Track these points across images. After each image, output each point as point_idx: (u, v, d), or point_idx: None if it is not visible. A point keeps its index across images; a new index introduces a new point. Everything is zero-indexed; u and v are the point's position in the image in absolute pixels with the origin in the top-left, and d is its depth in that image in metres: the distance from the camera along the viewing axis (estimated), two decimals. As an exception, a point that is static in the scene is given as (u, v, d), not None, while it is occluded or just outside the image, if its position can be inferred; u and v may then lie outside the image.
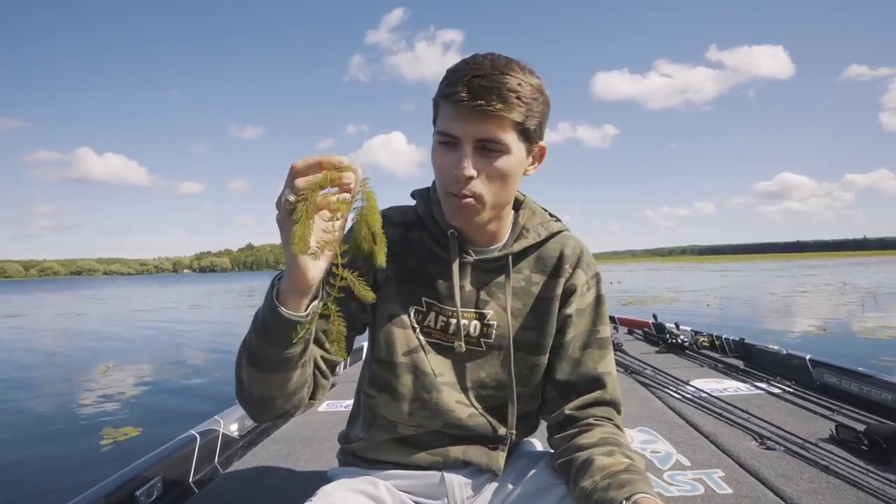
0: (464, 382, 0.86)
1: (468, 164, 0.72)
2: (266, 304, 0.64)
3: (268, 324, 0.64)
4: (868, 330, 7.25)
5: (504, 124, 0.72)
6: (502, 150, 0.74)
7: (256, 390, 0.71)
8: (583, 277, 0.86)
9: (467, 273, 0.85)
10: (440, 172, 0.77)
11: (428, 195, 0.89)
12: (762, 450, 1.68)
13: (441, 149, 0.76)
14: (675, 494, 1.42)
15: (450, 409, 0.84)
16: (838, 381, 2.33)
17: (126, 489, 1.35)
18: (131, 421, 4.02)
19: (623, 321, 4.59)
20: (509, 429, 0.87)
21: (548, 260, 0.87)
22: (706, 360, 3.07)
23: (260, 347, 0.66)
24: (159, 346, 8.46)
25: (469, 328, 0.84)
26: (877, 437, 1.60)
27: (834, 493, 1.38)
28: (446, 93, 0.72)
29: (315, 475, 1.61)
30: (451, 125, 0.73)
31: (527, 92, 0.73)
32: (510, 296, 0.84)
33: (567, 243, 0.88)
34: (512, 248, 0.85)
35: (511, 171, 0.76)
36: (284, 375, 0.69)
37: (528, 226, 0.88)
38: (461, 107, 0.71)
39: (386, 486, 0.86)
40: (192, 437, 1.70)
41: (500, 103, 0.70)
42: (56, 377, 6.04)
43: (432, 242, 0.86)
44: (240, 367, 0.71)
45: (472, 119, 0.71)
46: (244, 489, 1.55)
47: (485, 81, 0.70)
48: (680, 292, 16.47)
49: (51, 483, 2.91)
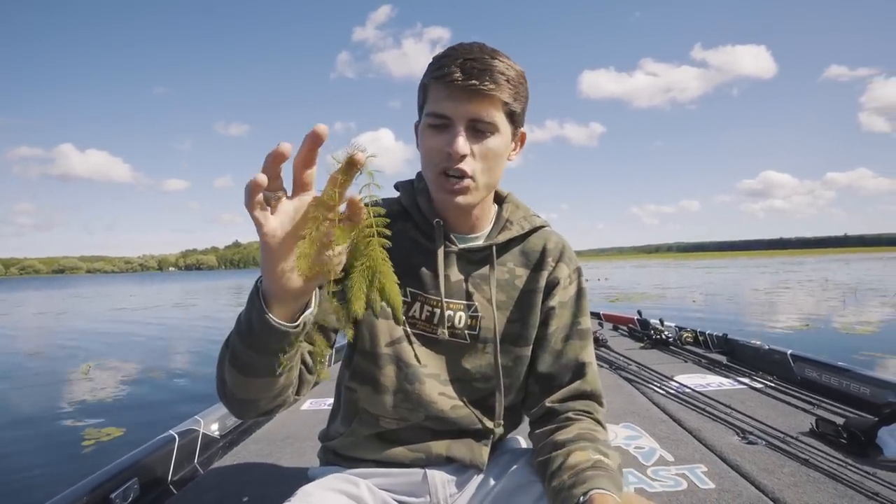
0: (448, 374, 0.85)
1: (463, 142, 0.74)
2: (252, 309, 0.58)
3: (254, 330, 0.58)
4: (849, 325, 7.39)
5: (495, 105, 0.74)
6: (493, 130, 0.76)
7: (240, 393, 0.67)
8: (565, 271, 0.88)
9: (452, 263, 0.85)
10: (432, 153, 0.77)
11: (412, 186, 0.89)
12: (744, 444, 1.70)
13: (431, 131, 0.77)
14: (659, 490, 1.42)
15: (432, 400, 0.83)
16: (818, 376, 2.36)
17: (101, 491, 1.32)
18: (114, 421, 3.95)
19: (608, 317, 4.62)
20: (496, 419, 0.86)
21: (531, 254, 0.88)
22: (690, 355, 3.09)
23: (245, 353, 0.62)
24: (144, 344, 8.33)
25: (455, 319, 0.84)
26: (855, 431, 1.62)
27: (814, 485, 1.39)
28: (438, 74, 0.74)
29: (297, 474, 1.58)
30: (443, 105, 0.74)
31: (514, 76, 0.75)
32: (495, 287, 0.84)
33: (549, 238, 0.90)
34: (496, 240, 0.86)
35: (500, 151, 0.78)
36: (271, 380, 0.65)
37: (512, 219, 0.89)
38: (454, 87, 0.72)
39: (367, 484, 0.85)
40: (171, 437, 1.66)
41: (492, 84, 0.72)
42: (36, 378, 5.92)
43: (417, 233, 0.86)
44: (222, 368, 0.67)
45: (465, 99, 0.73)
46: (224, 489, 1.53)
47: (477, 64, 0.72)
48: (666, 289, 16.65)
49: (29, 486, 2.84)
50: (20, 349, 8.24)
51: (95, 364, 6.46)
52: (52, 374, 6.11)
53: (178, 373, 5.84)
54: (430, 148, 0.77)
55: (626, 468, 1.58)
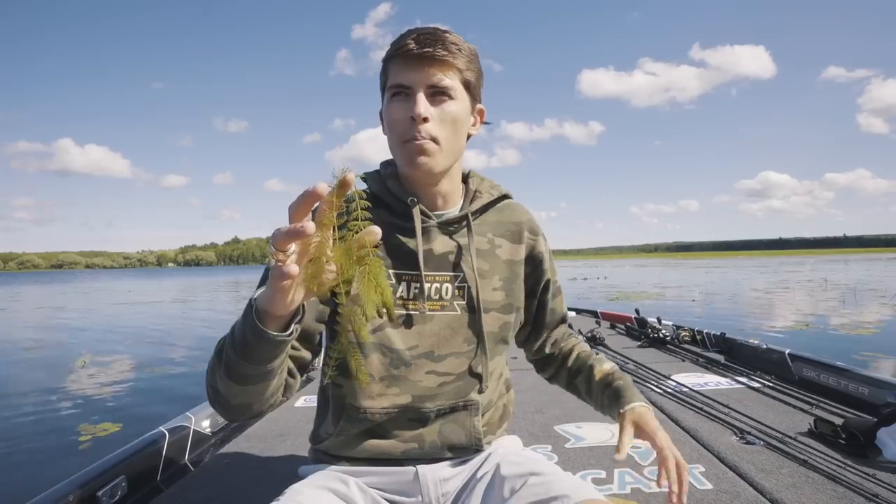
0: (439, 349, 0.85)
1: (424, 106, 0.78)
2: (247, 325, 0.62)
3: (249, 344, 0.63)
4: (848, 325, 7.38)
5: (450, 72, 0.80)
6: (451, 95, 0.80)
7: (234, 400, 0.71)
8: (542, 243, 0.98)
9: (433, 237, 0.87)
10: (394, 123, 0.80)
11: (379, 174, 0.91)
12: (742, 444, 1.68)
13: (393, 102, 0.80)
14: (656, 490, 1.40)
15: (419, 380, 0.84)
16: (817, 376, 2.34)
17: (87, 489, 1.29)
18: (111, 416, 3.93)
19: (605, 316, 4.60)
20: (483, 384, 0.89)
21: (507, 225, 0.94)
22: (687, 354, 3.07)
23: (240, 364, 0.65)
24: (142, 340, 8.31)
25: (442, 291, 0.86)
26: (854, 431, 1.60)
27: (812, 487, 1.37)
28: (395, 49, 0.79)
29: (288, 472, 1.56)
30: (402, 76, 0.79)
31: (466, 49, 0.81)
32: (475, 256, 0.88)
33: (520, 211, 0.97)
34: (470, 208, 0.90)
35: (460, 116, 0.82)
36: (264, 385, 0.70)
37: (480, 189, 0.94)
38: (410, 56, 0.77)
39: (357, 483, 0.83)
40: (160, 433, 1.64)
41: (445, 51, 0.78)
42: (32, 371, 5.90)
43: (390, 215, 0.87)
44: (214, 378, 0.70)
45: (421, 66, 0.78)
46: (214, 487, 1.50)
47: (429, 36, 0.78)
48: (665, 288, 16.66)
49: (21, 481, 2.83)
50: (18, 343, 8.22)
51: (92, 358, 6.44)
52: (49, 368, 6.10)
53: (176, 368, 5.82)
54: (394, 119, 0.80)
55: (622, 468, 1.56)
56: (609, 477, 1.48)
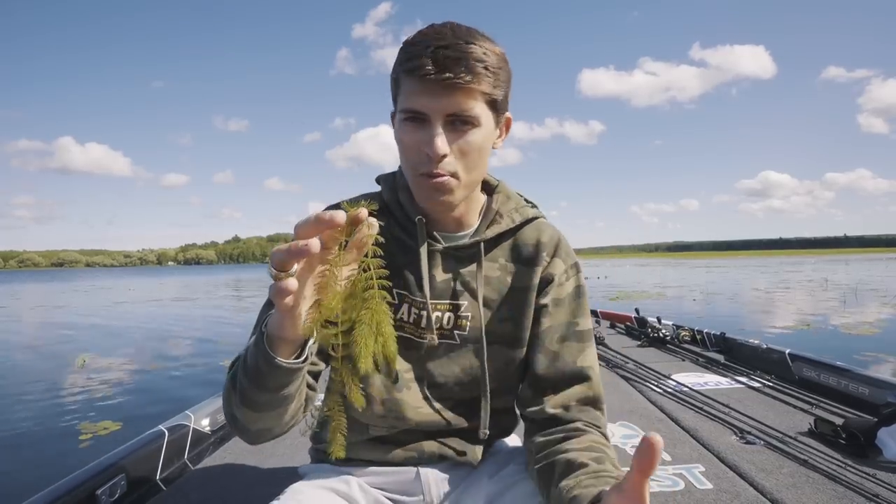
0: (435, 378, 0.82)
1: (441, 142, 0.68)
2: (259, 354, 0.59)
3: (262, 371, 0.60)
4: (849, 325, 7.37)
5: (474, 96, 0.68)
6: (473, 123, 0.70)
7: (253, 426, 0.68)
8: (561, 266, 0.82)
9: (438, 262, 0.81)
10: (409, 152, 0.72)
11: (394, 180, 0.84)
12: (742, 444, 1.67)
13: (407, 126, 0.71)
14: (656, 490, 1.40)
15: (418, 405, 0.81)
16: (817, 376, 2.34)
17: (86, 487, 1.29)
18: (111, 415, 3.93)
19: (605, 315, 4.60)
20: (482, 427, 0.82)
21: (523, 248, 0.82)
22: (687, 354, 3.07)
23: (253, 392, 0.62)
24: (142, 338, 8.31)
25: (442, 320, 0.80)
26: (854, 431, 1.60)
27: (813, 486, 1.37)
28: (409, 67, 0.67)
29: (288, 472, 1.57)
30: (417, 101, 0.68)
31: (493, 61, 0.69)
32: (482, 285, 0.80)
33: (544, 231, 0.84)
34: (484, 235, 0.81)
35: (483, 144, 0.72)
36: (282, 410, 0.67)
37: (503, 211, 0.83)
38: (427, 81, 0.66)
39: (358, 483, 0.83)
40: (160, 432, 1.64)
41: (468, 75, 0.66)
42: (32, 370, 5.90)
43: (399, 230, 0.82)
44: (230, 406, 0.68)
45: (441, 93, 0.67)
46: (214, 486, 1.50)
47: (450, 52, 0.66)
48: (666, 287, 16.65)
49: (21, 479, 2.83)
50: (18, 341, 8.23)
51: (92, 358, 6.44)
52: (49, 366, 6.09)
53: (176, 367, 5.82)
54: (407, 145, 0.71)
55: (624, 467, 1.55)
56: (609, 476, 1.48)
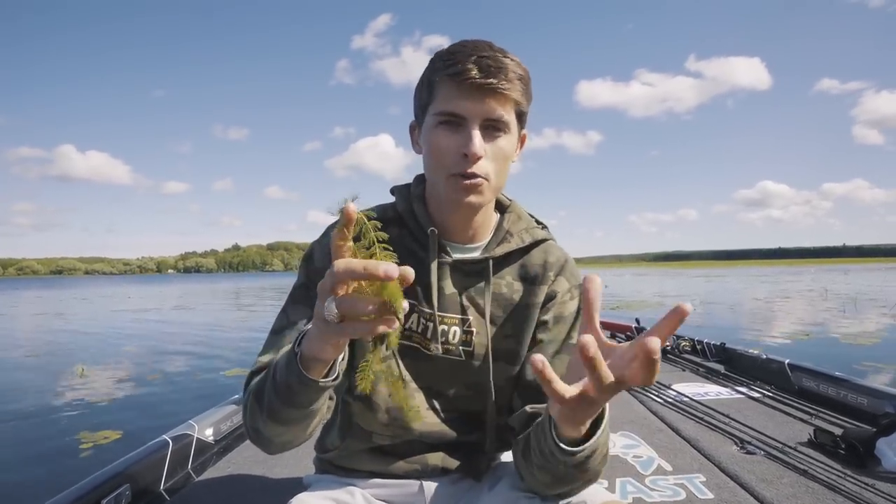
0: (439, 389, 0.83)
1: (480, 143, 0.72)
2: (291, 373, 0.60)
3: (293, 389, 0.61)
4: (848, 335, 7.37)
5: (508, 104, 0.73)
6: (504, 130, 0.74)
7: (278, 438, 0.71)
8: (565, 285, 0.84)
9: (447, 275, 0.82)
10: (442, 154, 0.74)
11: (409, 192, 0.86)
12: (742, 454, 1.68)
13: (442, 129, 0.74)
14: (657, 500, 1.41)
15: (423, 416, 0.82)
16: (816, 386, 2.35)
17: (91, 497, 1.30)
18: (111, 424, 3.91)
19: (606, 325, 4.61)
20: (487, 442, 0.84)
21: (531, 268, 0.84)
22: (688, 364, 3.08)
23: (283, 409, 0.65)
24: (142, 346, 8.28)
25: (449, 334, 0.81)
26: (854, 442, 1.61)
27: (813, 497, 1.38)
28: (452, 71, 0.71)
29: (292, 482, 1.58)
30: (457, 104, 0.72)
31: (524, 75, 0.74)
32: (489, 302, 0.81)
33: (552, 252, 0.86)
34: (494, 252, 0.82)
35: (509, 152, 0.77)
36: (308, 422, 0.69)
37: (513, 230, 0.85)
38: (469, 85, 0.70)
39: (362, 494, 0.83)
40: (164, 442, 1.64)
41: (507, 83, 0.71)
42: (31, 378, 5.88)
43: (411, 240, 0.83)
44: (255, 421, 0.70)
45: (481, 98, 0.71)
46: (218, 496, 1.51)
47: (491, 62, 0.70)
48: (665, 297, 16.63)
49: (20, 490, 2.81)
50: (16, 350, 8.20)
51: (92, 366, 6.42)
52: (48, 374, 6.07)
53: (177, 376, 5.80)
54: (441, 148, 0.73)
55: (624, 477, 1.56)
56: (611, 486, 1.49)
